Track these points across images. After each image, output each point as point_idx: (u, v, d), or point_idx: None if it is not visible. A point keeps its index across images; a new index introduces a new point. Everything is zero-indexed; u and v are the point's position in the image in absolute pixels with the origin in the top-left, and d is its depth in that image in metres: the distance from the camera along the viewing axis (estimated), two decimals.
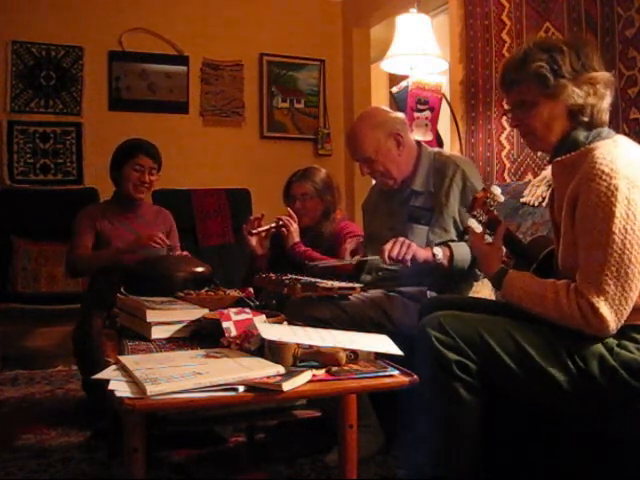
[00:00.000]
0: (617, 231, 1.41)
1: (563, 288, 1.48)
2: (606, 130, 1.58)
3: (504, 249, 1.73)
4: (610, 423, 1.49)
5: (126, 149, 2.83)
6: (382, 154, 2.28)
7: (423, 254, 2.10)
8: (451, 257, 2.14)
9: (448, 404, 1.51)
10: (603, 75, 1.56)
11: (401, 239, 2.07)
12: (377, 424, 2.13)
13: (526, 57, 1.58)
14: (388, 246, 2.06)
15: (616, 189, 1.41)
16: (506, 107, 1.71)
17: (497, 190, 1.72)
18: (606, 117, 1.58)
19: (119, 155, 2.83)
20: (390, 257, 2.04)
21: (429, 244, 2.19)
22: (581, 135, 1.56)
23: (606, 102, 1.57)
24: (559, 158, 1.60)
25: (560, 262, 1.59)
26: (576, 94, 1.54)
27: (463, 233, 2.22)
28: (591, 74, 1.54)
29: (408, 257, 2.04)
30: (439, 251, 2.12)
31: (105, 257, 2.69)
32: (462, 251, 2.16)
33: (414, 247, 2.06)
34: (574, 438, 1.56)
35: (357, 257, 2.32)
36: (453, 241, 2.21)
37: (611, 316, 1.42)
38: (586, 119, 1.56)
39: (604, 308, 1.42)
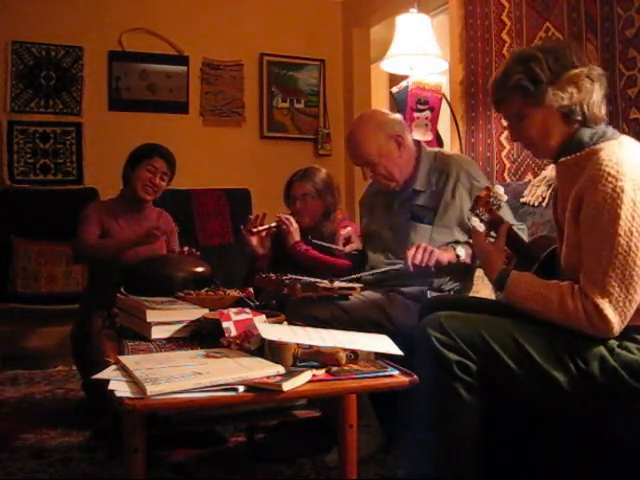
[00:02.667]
0: (622, 233, 1.41)
1: (567, 289, 1.47)
2: (611, 130, 1.57)
3: (506, 249, 1.73)
4: (610, 423, 1.49)
5: (144, 150, 2.86)
6: (384, 156, 2.27)
7: (446, 257, 2.10)
8: (473, 254, 2.13)
9: (448, 404, 1.50)
10: (583, 70, 1.54)
11: (423, 245, 2.06)
12: (377, 424, 2.13)
13: (506, 73, 1.60)
14: (411, 253, 2.04)
15: (622, 191, 1.41)
16: (504, 124, 1.73)
17: (500, 189, 1.72)
18: (601, 111, 1.57)
19: (136, 154, 2.85)
20: (414, 264, 2.03)
21: (432, 243, 2.19)
22: (586, 135, 1.55)
23: (596, 96, 1.55)
24: (563, 158, 1.60)
25: (563, 262, 1.58)
26: (559, 96, 1.53)
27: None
28: (570, 72, 1.53)
29: (431, 263, 2.04)
30: (462, 251, 2.13)
31: (116, 245, 2.70)
32: None
33: (436, 252, 2.06)
34: (574, 438, 1.56)
35: (351, 245, 2.31)
36: (458, 241, 2.21)
37: (615, 318, 1.42)
38: (579, 117, 1.55)
39: (608, 310, 1.41)
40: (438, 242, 2.19)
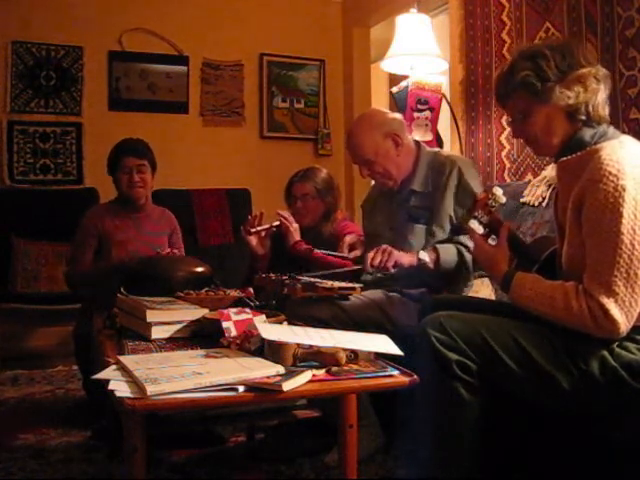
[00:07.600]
0: (625, 232, 1.40)
1: (572, 290, 1.46)
2: (611, 130, 1.57)
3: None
4: (610, 423, 1.49)
5: (113, 154, 2.81)
6: (381, 155, 2.28)
7: (407, 259, 2.13)
8: (437, 259, 2.15)
9: (448, 404, 1.50)
10: (591, 70, 1.54)
11: (383, 247, 2.12)
12: (377, 424, 2.13)
13: (512, 69, 1.59)
14: (370, 254, 2.11)
15: (623, 190, 1.41)
16: (507, 120, 1.72)
17: (499, 191, 1.72)
18: (604, 111, 1.57)
19: (110, 161, 2.82)
20: (372, 265, 2.09)
21: (428, 243, 2.20)
22: (587, 135, 1.55)
23: (601, 96, 1.56)
24: (564, 158, 1.59)
25: (564, 263, 1.58)
26: (566, 95, 1.53)
27: (455, 230, 2.21)
28: (578, 72, 1.53)
29: (389, 264, 2.09)
30: (425, 255, 2.14)
31: (106, 268, 2.65)
32: (448, 253, 2.17)
33: (395, 254, 2.10)
34: (574, 438, 1.56)
35: (355, 252, 2.32)
36: (443, 242, 2.21)
37: (622, 318, 1.40)
38: (583, 117, 1.55)
39: (614, 310, 1.40)
40: (433, 242, 2.20)
